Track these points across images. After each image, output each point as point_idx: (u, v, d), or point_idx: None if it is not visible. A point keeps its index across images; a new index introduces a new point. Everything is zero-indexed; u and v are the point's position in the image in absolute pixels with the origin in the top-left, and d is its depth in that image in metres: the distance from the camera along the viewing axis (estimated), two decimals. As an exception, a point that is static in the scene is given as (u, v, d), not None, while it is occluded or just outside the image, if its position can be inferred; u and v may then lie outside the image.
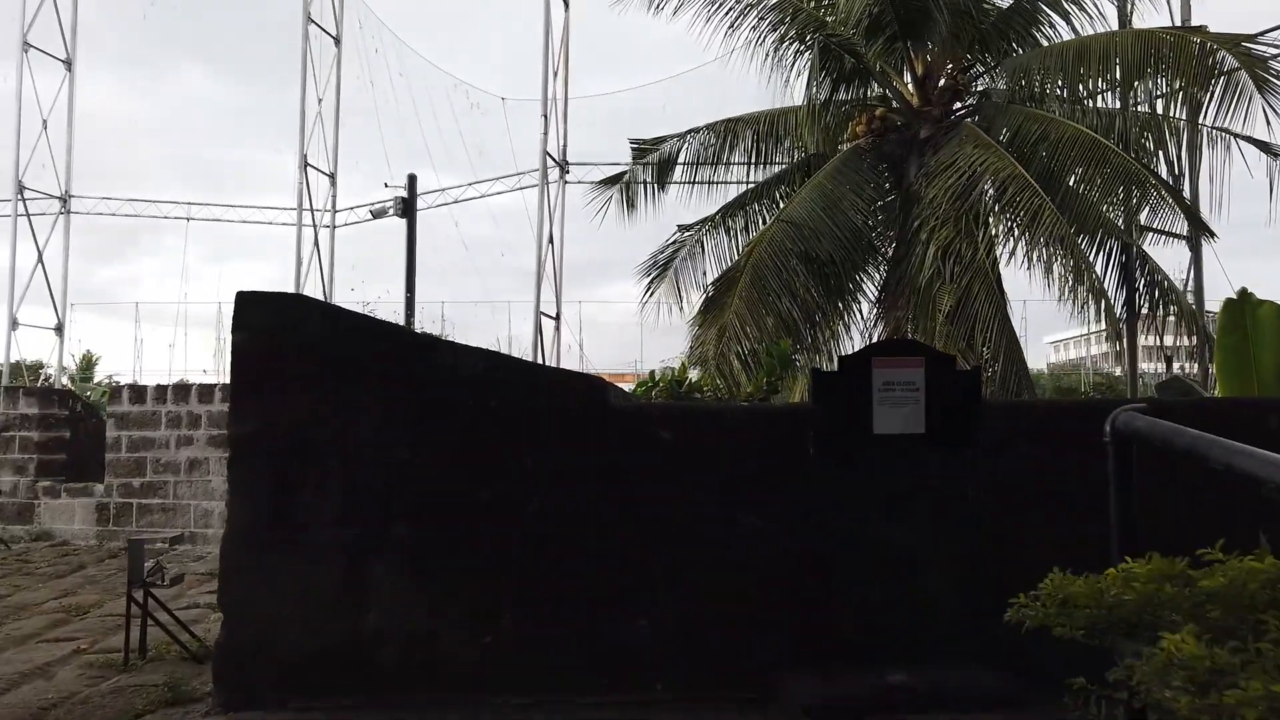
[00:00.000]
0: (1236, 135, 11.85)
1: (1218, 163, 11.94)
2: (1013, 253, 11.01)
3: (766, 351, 9.67)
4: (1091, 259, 11.25)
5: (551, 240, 18.61)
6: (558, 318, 18.77)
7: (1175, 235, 13.64)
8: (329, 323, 4.79)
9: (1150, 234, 12.94)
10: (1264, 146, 11.73)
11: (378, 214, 16.31)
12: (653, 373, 8.69)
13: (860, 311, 13.28)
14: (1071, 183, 11.15)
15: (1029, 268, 10.90)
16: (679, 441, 4.74)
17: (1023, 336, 14.74)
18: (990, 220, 11.46)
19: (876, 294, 12.86)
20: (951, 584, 4.47)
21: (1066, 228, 10.20)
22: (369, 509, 4.67)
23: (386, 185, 17.93)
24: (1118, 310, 11.07)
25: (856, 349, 13.82)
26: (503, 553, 4.66)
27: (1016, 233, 10.65)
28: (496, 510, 4.67)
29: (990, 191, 11.35)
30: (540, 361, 18.65)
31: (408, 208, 16.15)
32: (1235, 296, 8.86)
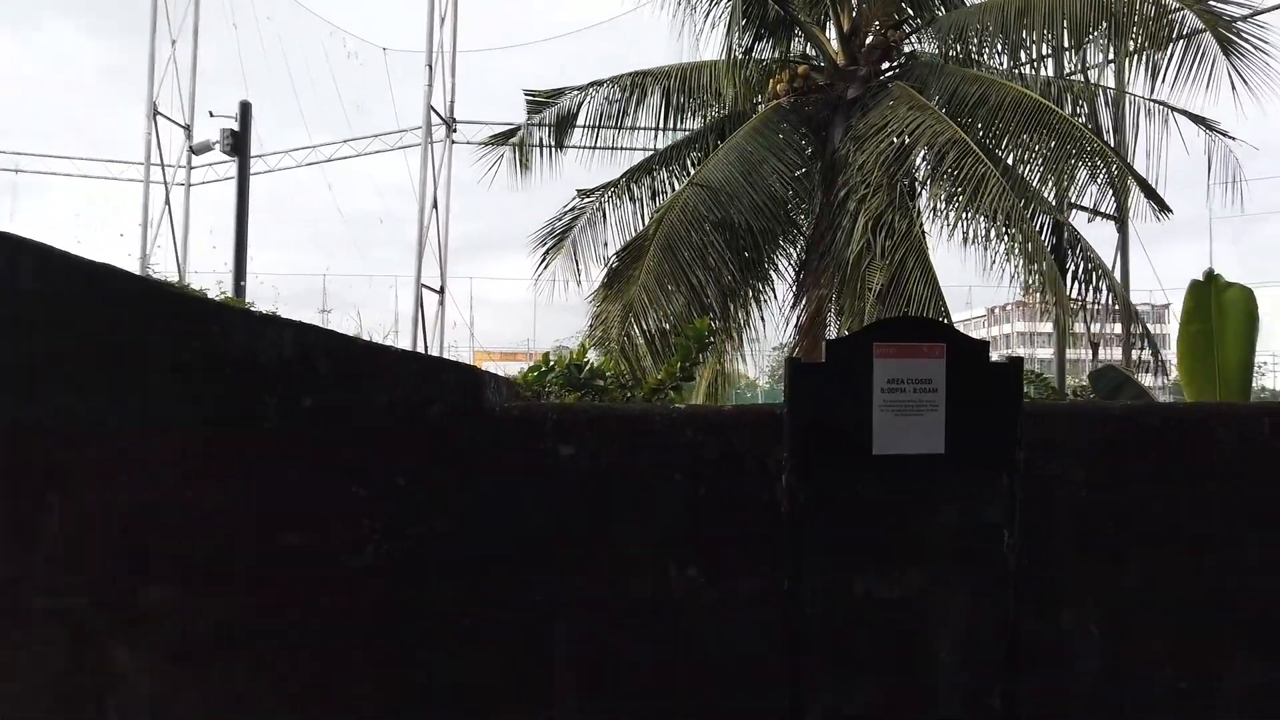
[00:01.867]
0: (1174, 109, 11.07)
1: (1154, 138, 11.16)
2: (953, 226, 9.91)
3: (680, 332, 8.25)
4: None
5: (436, 206, 16.80)
6: (442, 291, 17.00)
7: (1105, 215, 12.91)
8: (47, 274, 3.09)
9: (1077, 212, 12.14)
10: (1203, 122, 10.99)
11: (199, 150, 13.79)
12: (546, 355, 7.08)
13: (775, 291, 12.07)
14: (1014, 151, 10.12)
15: (969, 244, 9.84)
16: (587, 460, 3.26)
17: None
18: (926, 191, 10.35)
19: (796, 271, 11.64)
20: (983, 677, 3.16)
21: (1015, 199, 9.13)
22: (108, 562, 3.04)
23: (212, 115, 14.97)
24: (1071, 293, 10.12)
25: (776, 332, 12.69)
26: (319, 628, 3.10)
27: (961, 202, 9.53)
28: (310, 563, 3.10)
29: (927, 158, 10.23)
30: (423, 341, 16.83)
31: (238, 144, 13.72)
32: (1201, 278, 7.93)
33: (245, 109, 14.39)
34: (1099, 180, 9.42)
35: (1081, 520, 3.35)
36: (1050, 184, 10.35)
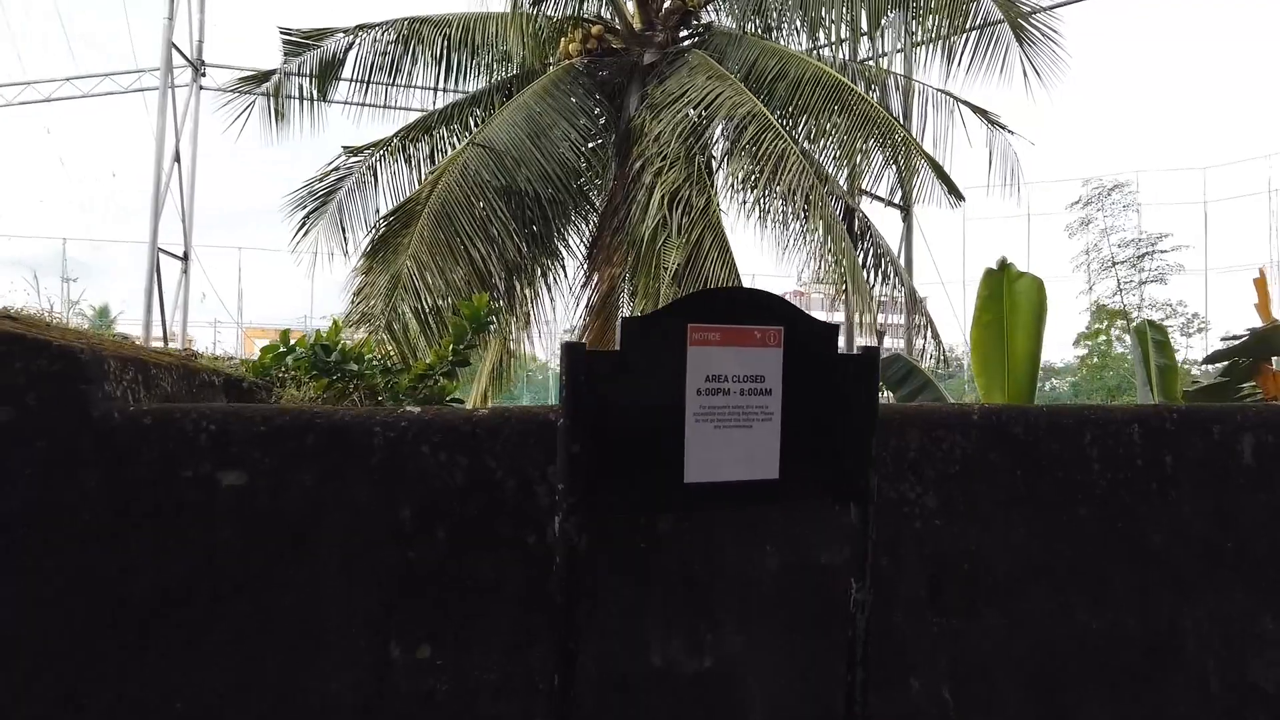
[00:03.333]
0: (960, 100, 11.12)
1: (941, 128, 11.18)
2: (752, 205, 9.36)
3: (454, 309, 7.18)
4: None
5: (179, 158, 14.52)
6: (186, 258, 14.76)
7: (890, 203, 12.95)
8: None
9: (868, 199, 12.06)
10: (985, 115, 11.11)
11: None
12: (285, 332, 5.79)
13: (565, 269, 11.15)
14: (813, 129, 9.71)
15: (770, 225, 9.33)
16: (267, 494, 2.17)
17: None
18: (725, 166, 9.76)
19: (589, 248, 10.77)
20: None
21: (814, 179, 8.67)
22: None
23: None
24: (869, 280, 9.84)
25: (566, 313, 11.76)
26: None
27: (760, 180, 8.97)
28: None
29: (726, 131, 9.63)
30: (160, 315, 14.57)
31: None
32: (995, 266, 7.76)
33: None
34: (897, 164, 9.19)
35: (935, 560, 2.63)
36: (845, 166, 10.05)
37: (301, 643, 2.17)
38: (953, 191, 9.42)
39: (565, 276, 11.20)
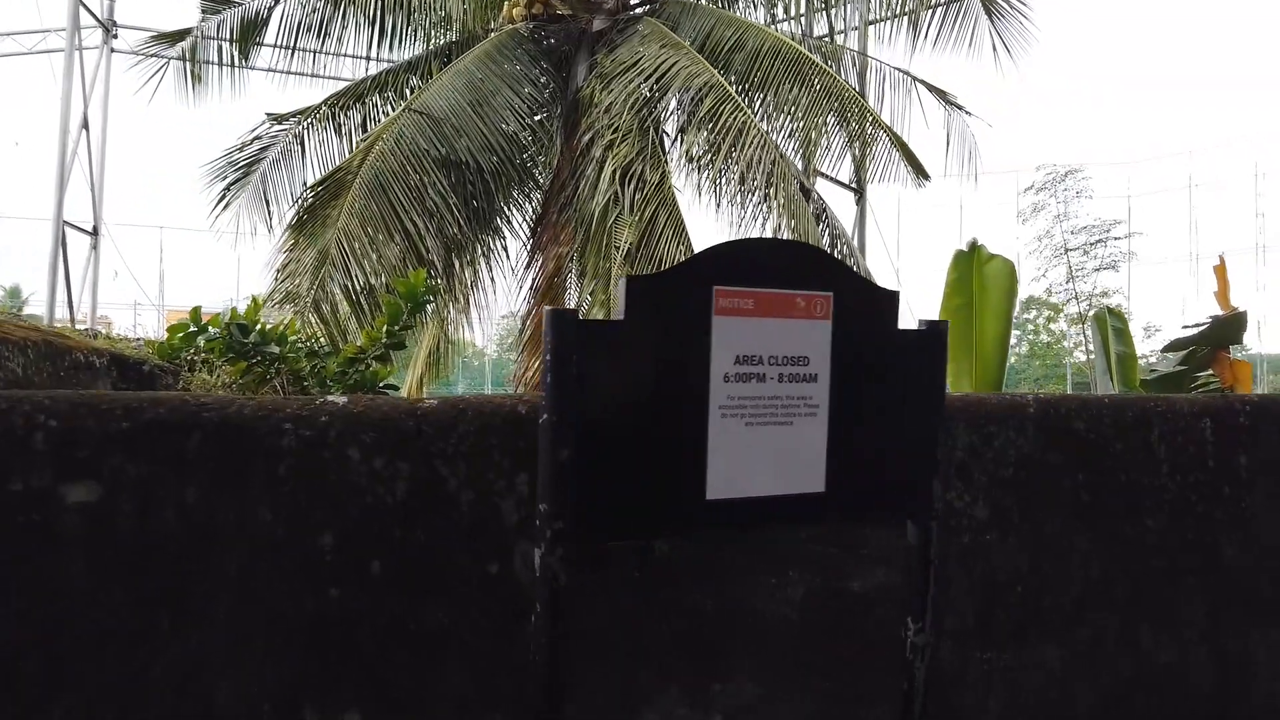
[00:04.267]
0: (916, 79, 10.78)
1: (898, 108, 10.83)
2: (710, 181, 8.85)
3: (389, 288, 6.57)
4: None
5: (87, 126, 13.41)
6: (95, 233, 13.68)
7: (846, 185, 12.59)
8: None
9: (821, 179, 11.67)
10: (943, 95, 10.78)
11: None
12: (196, 310, 5.11)
13: (508, 250, 10.53)
14: (772, 102, 9.24)
15: (727, 202, 8.84)
16: (131, 517, 1.59)
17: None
18: (681, 140, 9.25)
19: (533, 226, 10.16)
20: None
21: (775, 152, 8.20)
22: None
23: None
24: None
25: (507, 296, 11.11)
26: None
27: (718, 154, 8.46)
28: None
29: (682, 103, 9.11)
30: (66, 295, 13.49)
31: None
32: (965, 248, 7.40)
33: None
34: (860, 141, 8.77)
35: (985, 582, 2.15)
36: (803, 144, 9.60)
37: (182, 713, 1.60)
38: (918, 170, 9.05)
39: (508, 257, 10.58)
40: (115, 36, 14.17)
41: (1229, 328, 7.63)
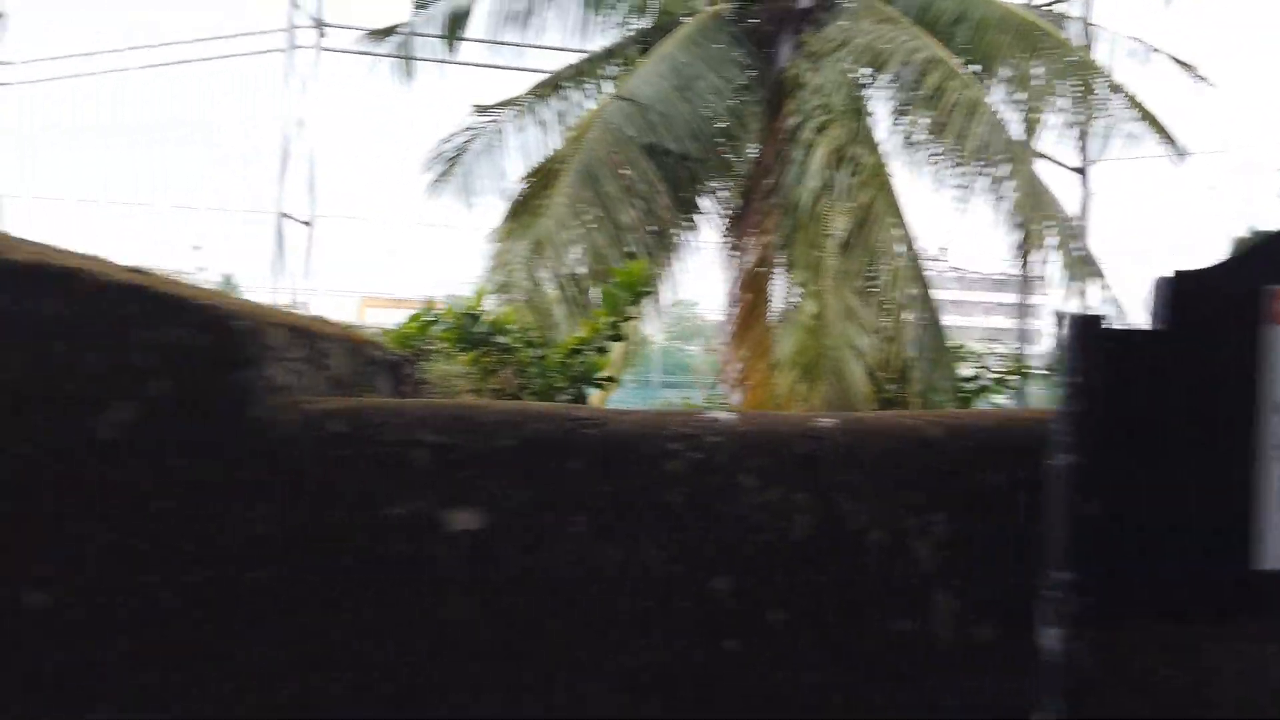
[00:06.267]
0: (1155, 49, 9.74)
1: (1133, 79, 9.81)
2: (935, 163, 8.29)
3: (608, 277, 6.41)
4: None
5: (300, 123, 14.25)
6: (308, 224, 14.52)
7: (1066, 166, 11.64)
8: None
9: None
10: (1185, 66, 9.70)
11: None
12: (431, 301, 5.20)
13: (704, 238, 10.27)
14: (1001, 78, 8.56)
15: (946, 184, 8.25)
16: (506, 541, 1.38)
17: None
18: (903, 122, 8.72)
19: (733, 213, 9.85)
20: None
21: (1007, 132, 7.56)
22: None
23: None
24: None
25: (694, 287, 10.90)
26: None
27: (947, 136, 7.90)
28: None
29: (901, 80, 8.57)
30: (290, 284, 14.33)
31: None
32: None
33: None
34: (1100, 116, 7.97)
35: None
36: (1031, 121, 8.85)
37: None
38: (1174, 148, 8.16)
39: (701, 247, 10.33)
40: (324, 36, 14.90)
41: None
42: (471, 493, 1.39)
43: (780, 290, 8.75)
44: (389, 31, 10.77)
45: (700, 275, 10.61)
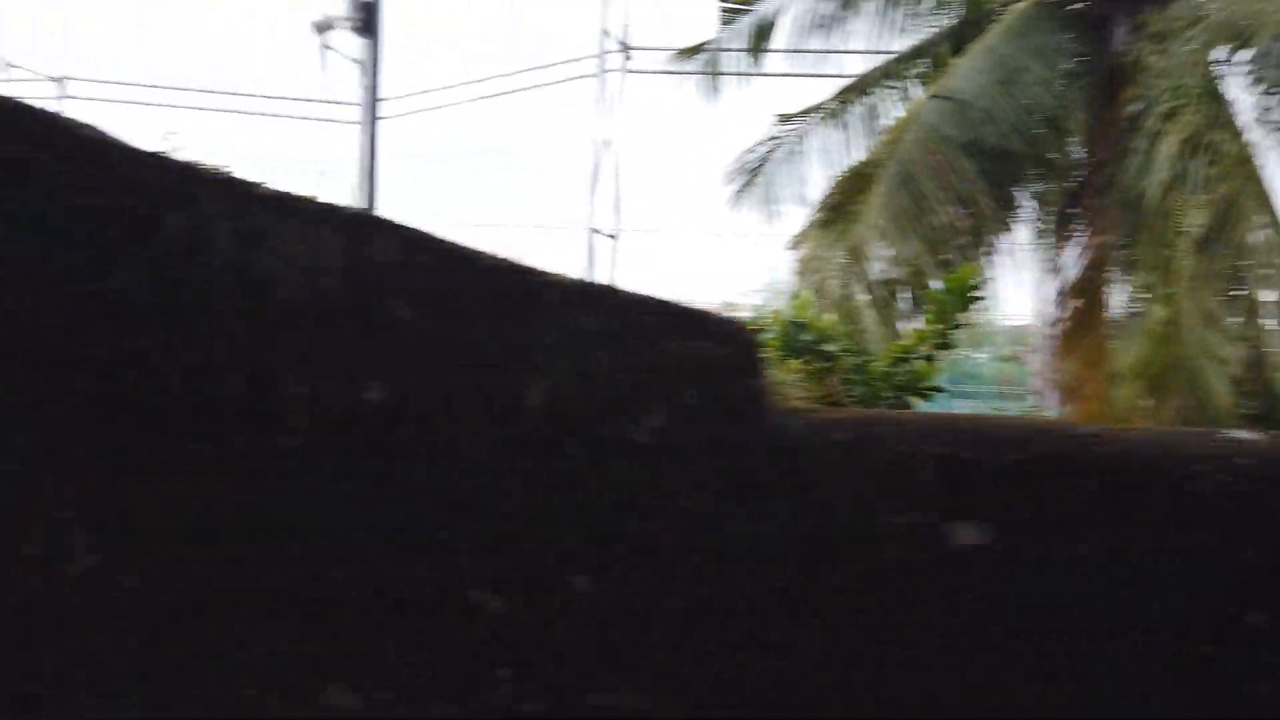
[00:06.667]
0: None
1: None
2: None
3: (948, 279, 6.22)
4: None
5: (608, 143, 15.12)
6: (615, 238, 15.39)
7: None
8: None
9: None
10: None
11: (323, 27, 11.98)
12: (761, 309, 5.27)
13: (1025, 239, 9.64)
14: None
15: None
16: (1009, 561, 1.34)
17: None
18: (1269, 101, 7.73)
19: (1059, 210, 9.19)
20: None
21: None
22: None
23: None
24: None
25: (1015, 291, 10.24)
26: None
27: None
28: None
29: (1272, 55, 7.59)
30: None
31: (369, 19, 11.24)
32: None
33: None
34: None
35: None
36: None
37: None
38: None
39: (1019, 248, 9.71)
40: (629, 59, 15.71)
41: None
42: (976, 507, 1.38)
43: (1119, 294, 8.04)
44: (696, 50, 11.14)
45: (1001, 278, 10.00)
